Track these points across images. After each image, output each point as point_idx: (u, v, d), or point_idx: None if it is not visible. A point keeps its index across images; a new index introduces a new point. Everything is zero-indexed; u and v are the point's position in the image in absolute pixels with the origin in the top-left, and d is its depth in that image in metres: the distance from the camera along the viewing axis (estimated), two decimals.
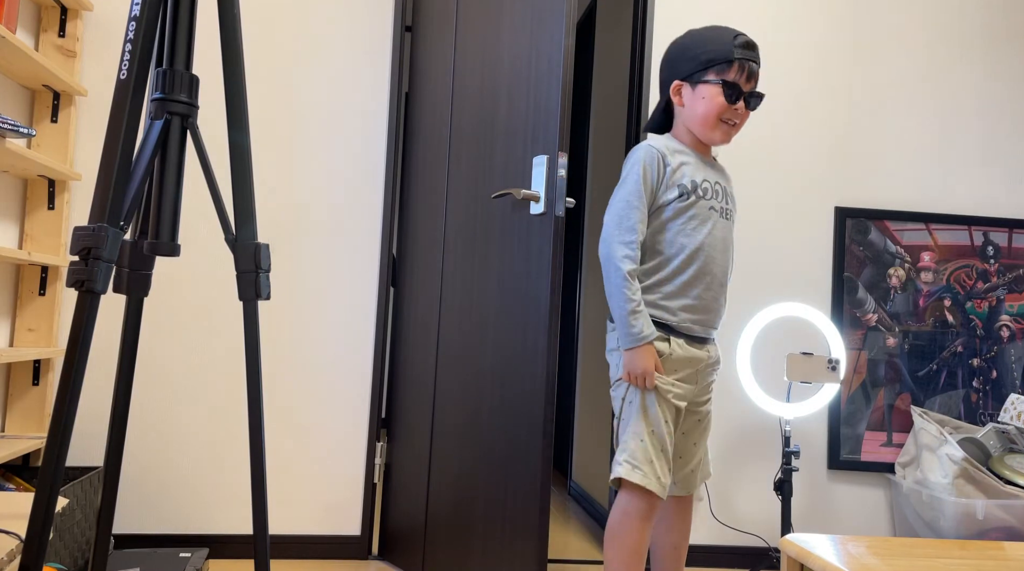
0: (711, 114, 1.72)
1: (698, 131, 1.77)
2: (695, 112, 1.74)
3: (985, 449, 2.40)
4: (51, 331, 2.27)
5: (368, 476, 2.43)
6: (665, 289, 1.71)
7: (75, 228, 1.04)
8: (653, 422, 1.68)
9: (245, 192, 1.15)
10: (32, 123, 2.28)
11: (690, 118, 1.76)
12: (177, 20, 1.16)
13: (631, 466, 1.66)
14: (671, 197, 1.71)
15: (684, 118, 1.78)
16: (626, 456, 1.67)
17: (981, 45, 2.74)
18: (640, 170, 1.69)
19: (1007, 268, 2.68)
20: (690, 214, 1.72)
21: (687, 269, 1.71)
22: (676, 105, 1.79)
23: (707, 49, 1.72)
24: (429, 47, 2.46)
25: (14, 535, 1.25)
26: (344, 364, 2.44)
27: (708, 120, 1.73)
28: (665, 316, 1.71)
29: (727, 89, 1.70)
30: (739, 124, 1.77)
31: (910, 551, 1.48)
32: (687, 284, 1.71)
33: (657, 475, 1.66)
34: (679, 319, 1.71)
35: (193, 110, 1.16)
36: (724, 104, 1.71)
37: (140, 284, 1.19)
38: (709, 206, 1.74)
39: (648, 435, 1.67)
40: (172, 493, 2.36)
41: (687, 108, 1.76)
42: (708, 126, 1.74)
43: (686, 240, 1.71)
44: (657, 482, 1.66)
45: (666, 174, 1.72)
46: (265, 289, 1.15)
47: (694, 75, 1.73)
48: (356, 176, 2.47)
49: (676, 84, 1.77)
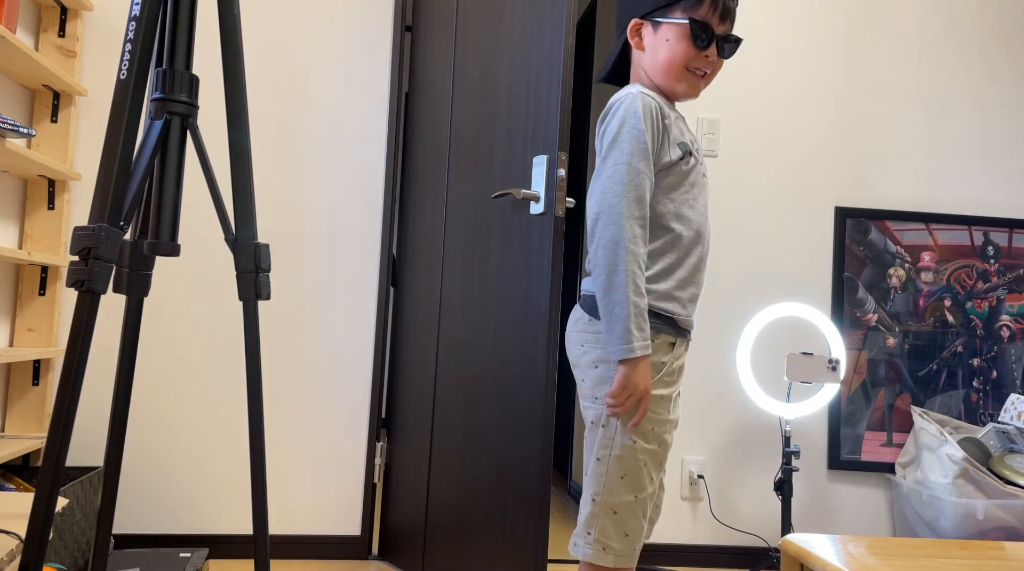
0: (676, 60, 1.39)
1: (659, 81, 1.42)
2: (656, 58, 1.40)
3: (985, 449, 2.40)
4: (51, 331, 2.27)
5: (368, 476, 2.43)
6: (678, 274, 1.38)
7: (75, 228, 1.04)
8: (637, 485, 1.32)
9: (245, 192, 1.15)
10: (32, 123, 2.28)
11: (651, 65, 1.42)
12: (177, 20, 1.16)
13: (602, 547, 1.32)
14: (674, 157, 1.38)
15: (645, 65, 1.44)
16: (596, 535, 1.32)
17: (981, 45, 2.74)
18: (639, 124, 1.33)
19: (1007, 268, 2.68)
20: (691, 181, 1.42)
21: (695, 248, 1.41)
22: (634, 48, 1.45)
23: None
24: (429, 47, 2.46)
25: (14, 535, 1.25)
26: (344, 364, 2.44)
27: (672, 68, 1.39)
28: (676, 309, 1.37)
29: (696, 29, 1.36)
30: (710, 75, 1.43)
31: (910, 551, 1.48)
32: (696, 268, 1.41)
33: (633, 548, 1.34)
34: (688, 312, 1.40)
35: (193, 110, 1.16)
36: (692, 48, 1.38)
37: (140, 284, 1.19)
38: (703, 172, 1.46)
39: (626, 506, 1.32)
40: (172, 493, 2.36)
41: (647, 53, 1.42)
42: (672, 75, 1.40)
43: (691, 213, 1.40)
44: (631, 556, 1.34)
45: (665, 130, 1.38)
46: (265, 289, 1.15)
47: (656, 11, 1.40)
48: (356, 176, 2.47)
49: (635, 23, 1.43)
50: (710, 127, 2.61)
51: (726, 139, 2.62)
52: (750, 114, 2.64)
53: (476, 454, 2.07)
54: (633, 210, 1.31)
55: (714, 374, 2.59)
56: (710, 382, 2.58)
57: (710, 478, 2.57)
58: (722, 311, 2.60)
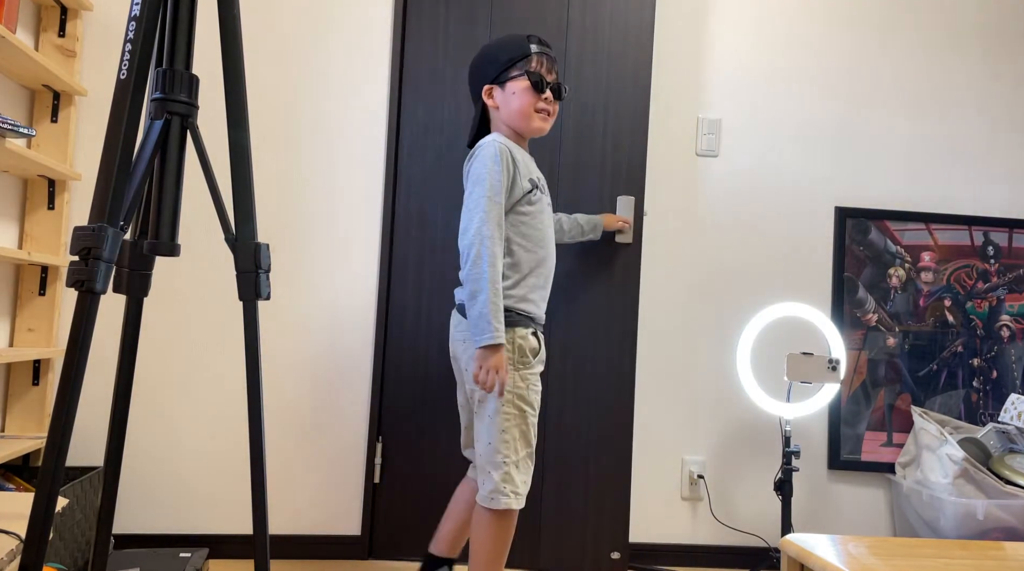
0: (525, 106, 1.81)
1: (517, 125, 1.84)
2: (510, 108, 1.83)
3: (985, 449, 2.40)
4: (51, 331, 2.27)
5: (368, 476, 2.43)
6: (530, 282, 1.80)
7: (75, 228, 1.04)
8: (527, 441, 1.77)
9: (245, 192, 1.15)
10: (32, 123, 2.28)
11: (507, 115, 1.84)
12: (177, 20, 1.16)
13: (515, 496, 1.74)
14: (524, 191, 1.79)
15: (503, 117, 1.86)
16: (511, 487, 1.74)
17: (981, 45, 2.74)
18: (498, 167, 1.74)
19: (1007, 268, 2.68)
20: (538, 209, 1.82)
21: (544, 262, 1.83)
22: (491, 109, 1.87)
23: (506, 50, 1.83)
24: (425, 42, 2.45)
25: (14, 535, 1.25)
26: (344, 364, 2.44)
27: (524, 111, 1.82)
28: (532, 309, 1.80)
29: (533, 78, 1.80)
30: (552, 113, 1.86)
31: (910, 551, 1.48)
32: (545, 277, 1.84)
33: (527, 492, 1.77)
34: (541, 311, 1.83)
35: (193, 110, 1.16)
36: (534, 95, 1.81)
37: (140, 284, 1.19)
38: (547, 201, 1.88)
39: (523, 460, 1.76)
40: (172, 493, 2.36)
41: (502, 107, 1.84)
42: (525, 117, 1.82)
43: (538, 234, 1.81)
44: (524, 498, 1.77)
45: (514, 169, 1.78)
46: (265, 289, 1.15)
47: (500, 75, 1.83)
48: (356, 176, 2.47)
49: (487, 88, 1.85)
50: (710, 127, 2.61)
51: (726, 139, 2.62)
52: (750, 114, 2.64)
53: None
54: (494, 233, 1.70)
55: (714, 374, 2.59)
56: (710, 382, 2.58)
57: (710, 478, 2.57)
58: (722, 311, 2.60)
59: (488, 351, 1.68)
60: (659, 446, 2.56)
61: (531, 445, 1.78)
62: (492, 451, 1.74)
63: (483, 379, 1.70)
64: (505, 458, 1.74)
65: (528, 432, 1.77)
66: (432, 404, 2.43)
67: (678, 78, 2.61)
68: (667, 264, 2.60)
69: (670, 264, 2.60)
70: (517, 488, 1.74)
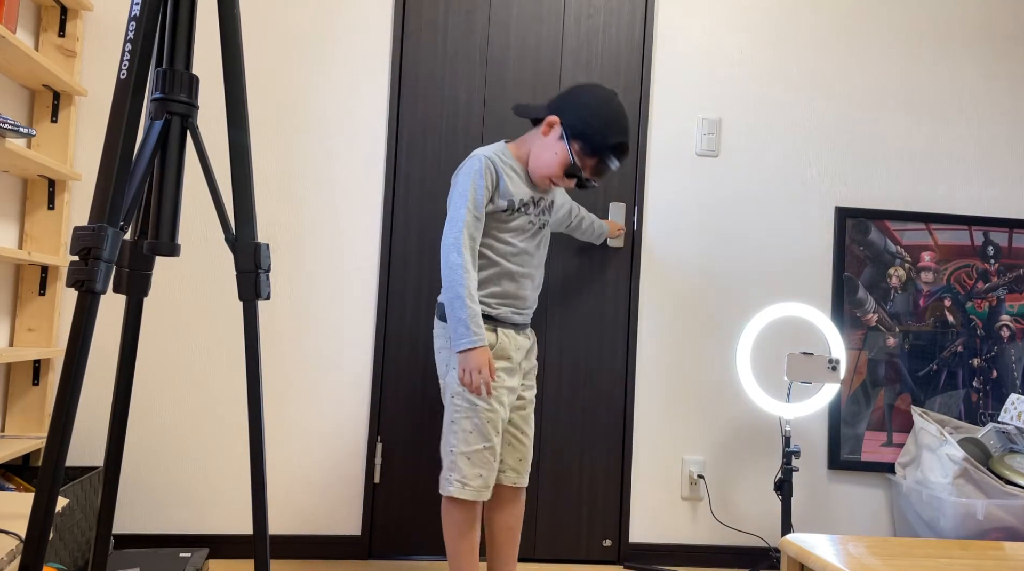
0: (555, 167, 1.87)
1: (533, 166, 1.90)
2: (542, 154, 1.88)
3: (985, 449, 2.40)
4: (51, 331, 2.27)
5: (368, 476, 2.43)
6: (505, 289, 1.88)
7: (75, 228, 1.04)
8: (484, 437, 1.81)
9: (245, 192, 1.15)
10: (32, 123, 2.28)
11: (538, 151, 1.89)
12: (177, 20, 1.16)
13: (461, 485, 1.80)
14: (498, 209, 1.86)
15: (535, 147, 1.90)
16: (457, 476, 1.80)
17: (981, 45, 2.74)
18: (481, 181, 1.82)
19: (1007, 268, 2.68)
20: (516, 226, 1.88)
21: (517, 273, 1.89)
22: (542, 126, 1.89)
23: (591, 125, 1.84)
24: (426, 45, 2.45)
25: (14, 535, 1.25)
26: (344, 364, 2.44)
27: (549, 169, 1.88)
28: (505, 313, 1.88)
29: (571, 169, 1.86)
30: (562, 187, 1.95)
31: (910, 551, 1.48)
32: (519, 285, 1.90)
33: (486, 484, 1.82)
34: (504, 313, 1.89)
35: (193, 110, 1.16)
36: (560, 172, 1.87)
37: (140, 284, 1.19)
38: (529, 220, 1.91)
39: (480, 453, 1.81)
40: (172, 493, 2.36)
41: (543, 142, 1.88)
42: (540, 172, 1.89)
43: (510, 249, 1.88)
44: (486, 490, 1.82)
45: (497, 185, 1.85)
46: (265, 289, 1.15)
47: (574, 135, 1.85)
48: (356, 175, 2.47)
49: (557, 120, 1.87)
50: (711, 127, 2.61)
51: (726, 139, 2.62)
52: (750, 114, 2.64)
53: None
54: (469, 243, 1.79)
55: (714, 374, 2.59)
56: (710, 382, 2.58)
57: (710, 478, 2.57)
58: (722, 311, 2.60)
59: (469, 354, 1.76)
60: (659, 446, 2.56)
61: (490, 440, 1.82)
62: (444, 440, 1.86)
63: (467, 381, 1.78)
64: (453, 447, 1.82)
65: (484, 427, 1.81)
66: (432, 404, 2.43)
67: (678, 78, 2.61)
68: (667, 264, 2.60)
69: (670, 264, 2.60)
70: (465, 478, 1.79)
